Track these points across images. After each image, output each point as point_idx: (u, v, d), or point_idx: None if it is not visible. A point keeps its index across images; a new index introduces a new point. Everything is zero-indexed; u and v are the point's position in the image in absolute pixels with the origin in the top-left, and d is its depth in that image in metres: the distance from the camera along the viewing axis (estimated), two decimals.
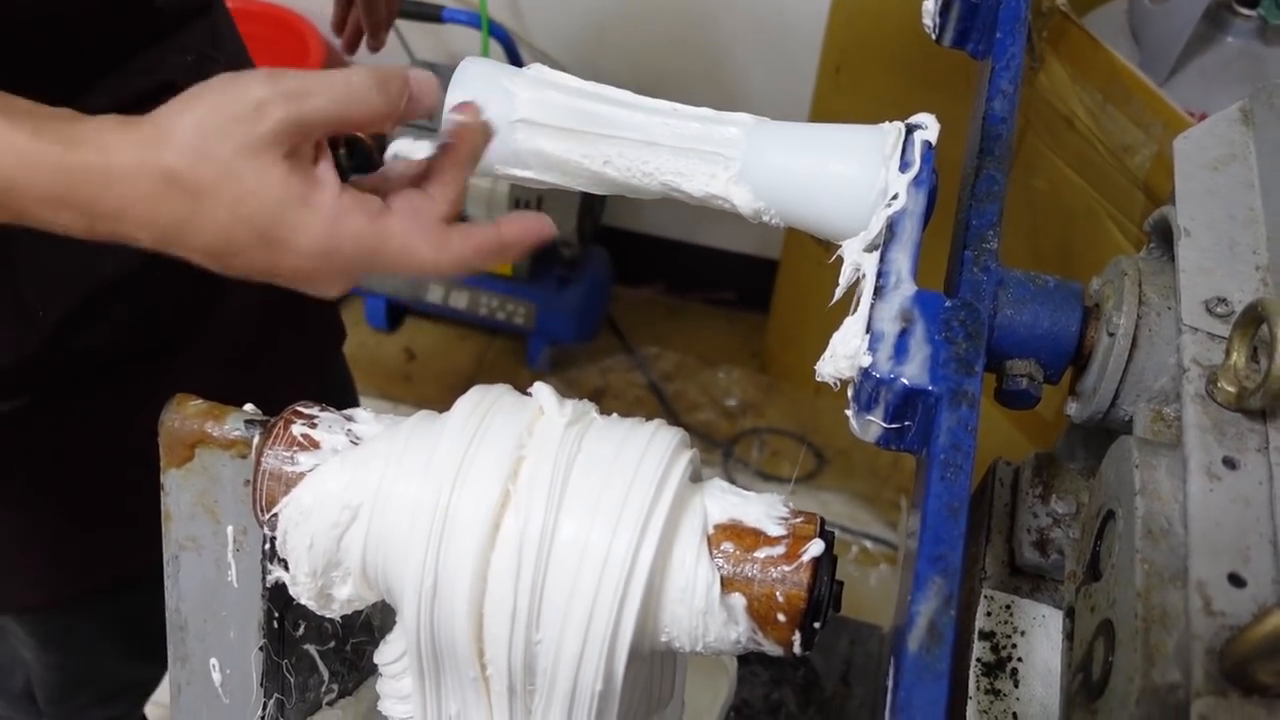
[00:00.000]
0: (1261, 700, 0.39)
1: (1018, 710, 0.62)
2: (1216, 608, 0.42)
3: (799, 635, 0.51)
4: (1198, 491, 0.45)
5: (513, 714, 0.57)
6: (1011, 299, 0.59)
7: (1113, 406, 0.58)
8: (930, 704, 0.43)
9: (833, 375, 0.55)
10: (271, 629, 0.59)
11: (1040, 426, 1.30)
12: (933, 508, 0.47)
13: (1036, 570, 0.69)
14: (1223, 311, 0.52)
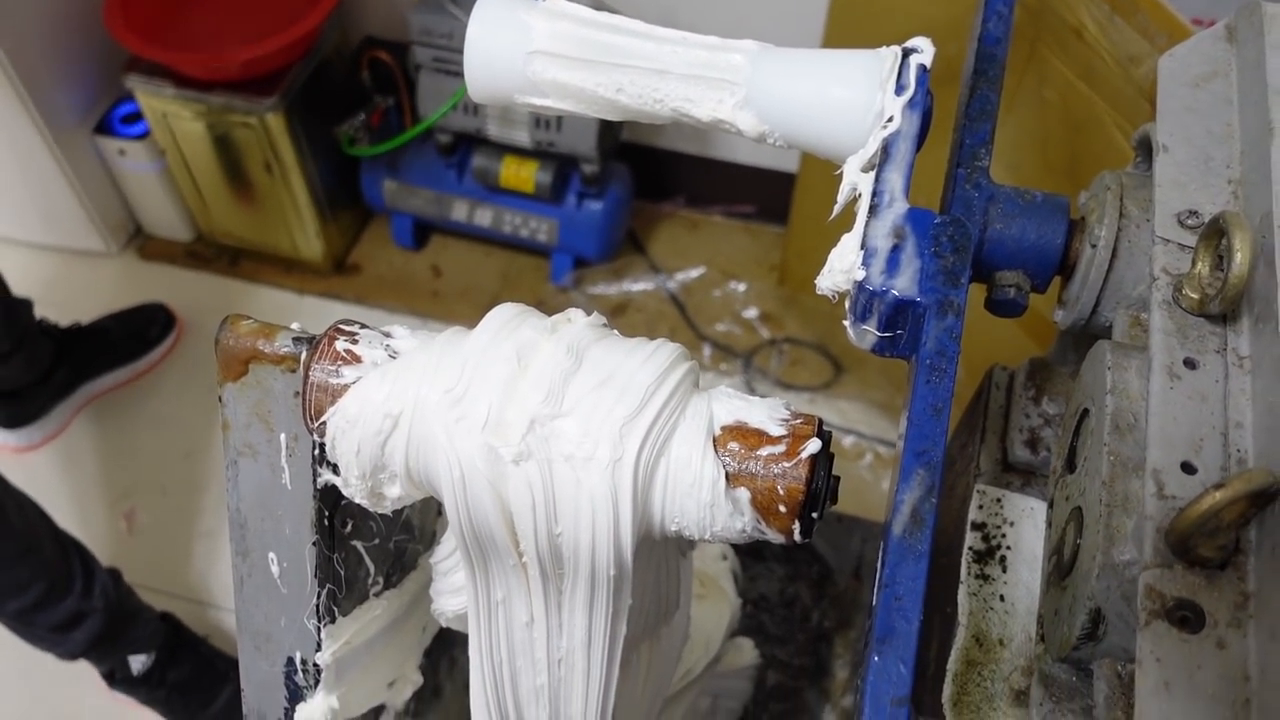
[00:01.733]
0: (1202, 571, 0.44)
1: (1005, 593, 0.67)
2: (1168, 492, 0.46)
3: (798, 524, 0.56)
4: (1159, 389, 0.50)
5: (547, 595, 0.64)
6: (1001, 213, 0.62)
7: (1094, 313, 0.62)
8: (912, 579, 0.48)
9: (831, 289, 0.59)
10: (322, 526, 0.65)
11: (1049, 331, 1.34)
12: (918, 408, 0.52)
13: (1027, 467, 0.75)
14: (1193, 224, 0.55)
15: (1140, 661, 0.42)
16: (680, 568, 0.80)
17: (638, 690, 0.83)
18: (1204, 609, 0.43)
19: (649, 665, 0.83)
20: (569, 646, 0.71)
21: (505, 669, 0.75)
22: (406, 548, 0.79)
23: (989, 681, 0.64)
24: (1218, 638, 0.42)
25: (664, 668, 0.87)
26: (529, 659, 0.74)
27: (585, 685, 0.74)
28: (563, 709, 0.77)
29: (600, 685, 0.74)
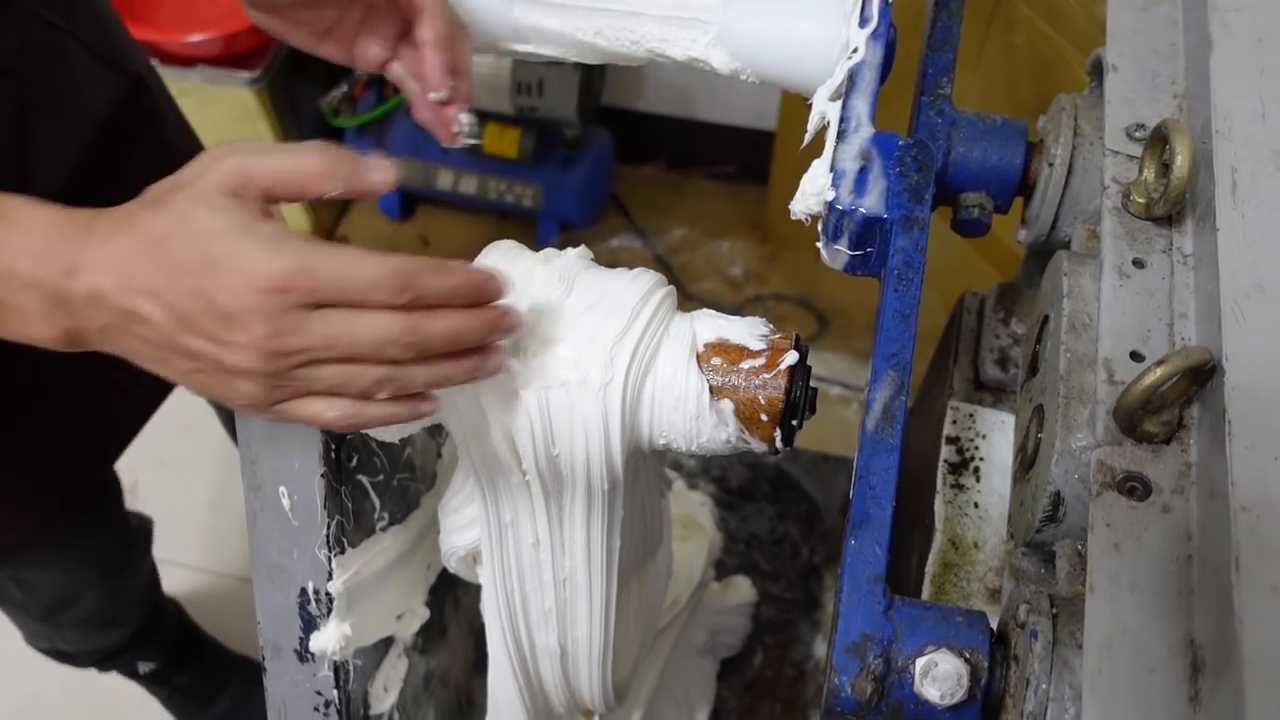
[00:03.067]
0: (1149, 446, 0.48)
1: (978, 500, 0.71)
2: (1118, 379, 0.50)
3: (779, 432, 0.60)
4: (1110, 287, 0.53)
5: (549, 514, 0.68)
6: (964, 137, 0.66)
7: (1054, 229, 0.66)
8: (884, 470, 0.52)
9: (804, 212, 0.63)
10: (330, 459, 0.69)
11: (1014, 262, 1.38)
12: (887, 314, 0.56)
13: (998, 384, 0.78)
14: (1140, 136, 0.59)
15: (1092, 527, 0.46)
16: (661, 506, 0.85)
17: (631, 621, 0.87)
18: (1150, 479, 0.47)
19: (639, 598, 0.87)
20: (572, 565, 0.75)
21: (517, 595, 0.79)
22: (409, 486, 0.83)
23: (965, 582, 0.68)
24: (1163, 504, 0.46)
25: (653, 600, 0.92)
26: (537, 582, 0.78)
27: (589, 606, 0.78)
28: (569, 631, 0.81)
29: (602, 606, 0.78)
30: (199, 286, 0.48)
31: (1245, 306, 0.47)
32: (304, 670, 0.76)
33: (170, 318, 0.49)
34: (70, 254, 0.48)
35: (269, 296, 0.48)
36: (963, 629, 0.48)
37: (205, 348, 0.49)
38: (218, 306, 0.48)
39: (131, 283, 0.48)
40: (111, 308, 0.49)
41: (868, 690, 0.47)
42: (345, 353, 0.50)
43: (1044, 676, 0.45)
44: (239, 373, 0.50)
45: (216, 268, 0.48)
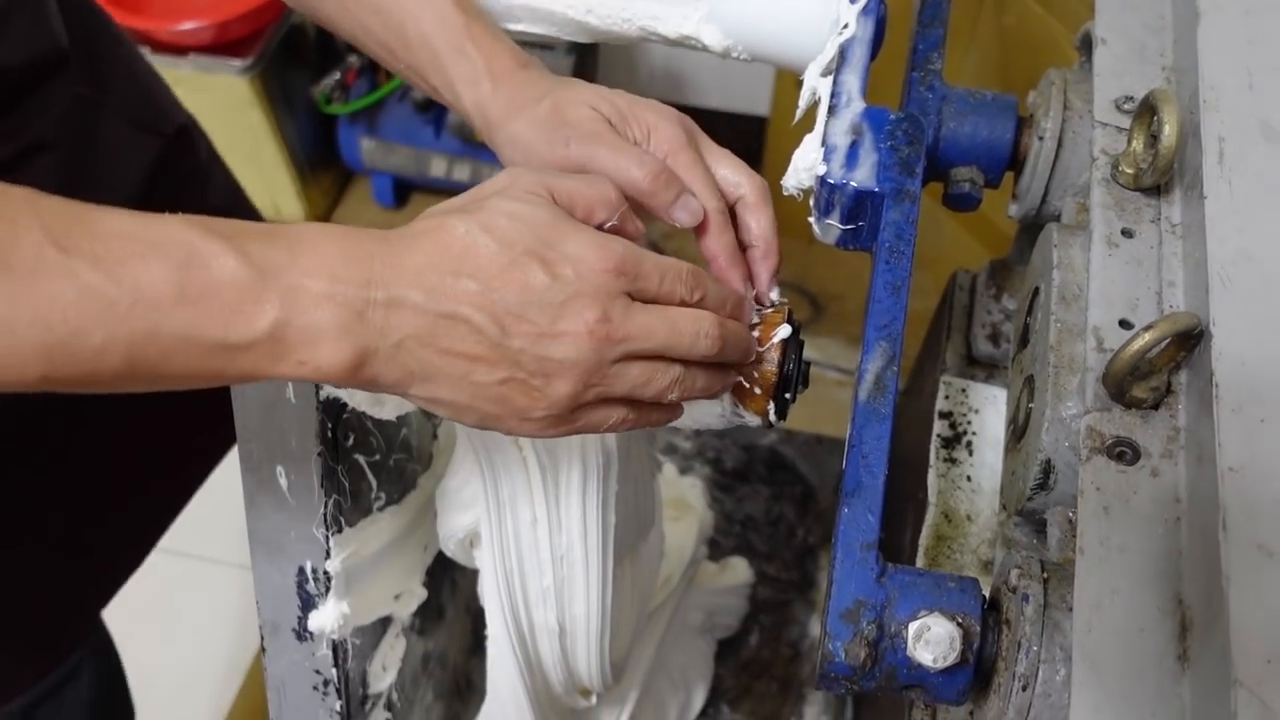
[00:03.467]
0: (1138, 412, 0.48)
1: (971, 474, 0.72)
2: (1107, 346, 0.50)
3: (773, 405, 0.60)
4: (1099, 257, 0.54)
5: (546, 488, 0.69)
6: (954, 112, 0.66)
7: (1044, 203, 0.66)
8: (877, 439, 0.52)
9: (795, 187, 0.63)
10: (326, 438, 0.69)
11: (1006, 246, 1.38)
12: (879, 286, 0.56)
13: (990, 360, 0.79)
14: (1129, 108, 0.59)
15: (1082, 491, 0.46)
16: (652, 488, 0.86)
17: (626, 601, 0.88)
18: (1139, 444, 0.48)
19: (633, 578, 0.88)
20: (569, 543, 0.75)
21: (516, 575, 0.80)
22: (406, 466, 0.83)
23: (958, 554, 0.69)
24: (1152, 467, 0.47)
25: (646, 580, 0.93)
26: (535, 560, 0.78)
27: (586, 584, 0.79)
28: (568, 609, 0.82)
29: (599, 583, 0.79)
30: (526, 279, 0.47)
31: (1232, 273, 0.48)
32: (302, 649, 0.77)
33: (492, 319, 0.47)
34: (366, 267, 0.45)
35: (608, 278, 0.48)
36: (955, 594, 0.48)
37: (528, 345, 0.47)
38: (551, 295, 0.47)
39: (445, 287, 0.46)
40: (419, 317, 0.46)
41: (861, 655, 0.48)
42: (661, 344, 0.50)
43: (1035, 639, 0.46)
44: (561, 370, 0.48)
45: (556, 257, 0.48)
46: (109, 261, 0.40)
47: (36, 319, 0.39)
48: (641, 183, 0.56)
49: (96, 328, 0.40)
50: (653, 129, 0.58)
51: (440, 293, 0.46)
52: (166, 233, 0.42)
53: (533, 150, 0.59)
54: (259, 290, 0.43)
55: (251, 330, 0.43)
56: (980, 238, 1.48)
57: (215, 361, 0.43)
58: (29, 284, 0.39)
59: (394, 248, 0.46)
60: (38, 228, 0.40)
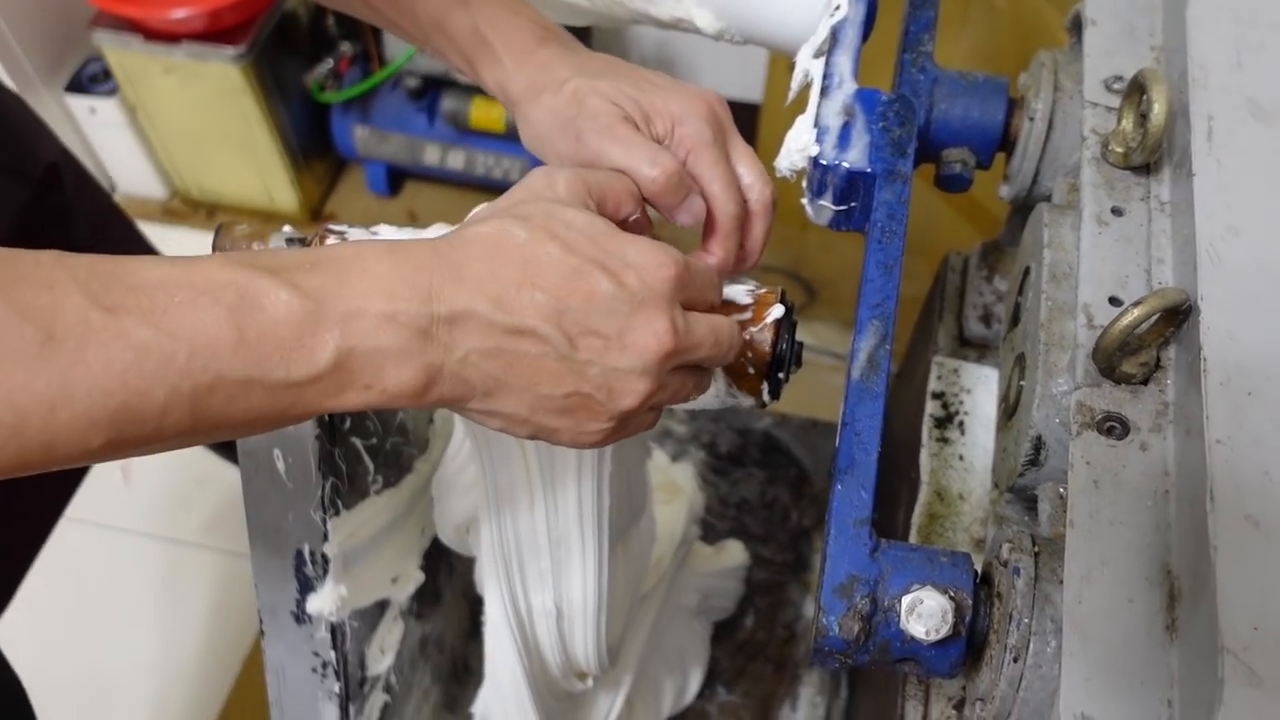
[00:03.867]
0: (1127, 387, 0.49)
1: (963, 453, 0.72)
2: (1097, 323, 0.51)
3: (766, 385, 0.61)
4: (1089, 235, 0.54)
5: (543, 470, 0.69)
6: (946, 94, 0.67)
7: (1035, 184, 0.67)
8: (870, 417, 0.53)
9: (788, 168, 0.64)
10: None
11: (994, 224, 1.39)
12: (871, 266, 0.57)
13: (982, 341, 0.79)
14: (1119, 88, 0.60)
15: (1072, 466, 0.47)
16: (643, 473, 0.87)
17: (620, 585, 0.89)
18: (1128, 419, 0.48)
19: (626, 563, 0.89)
20: (565, 526, 0.76)
21: (514, 559, 0.81)
22: (403, 450, 0.83)
23: (950, 532, 0.69)
24: (1141, 442, 0.47)
25: (639, 565, 0.94)
26: (533, 544, 0.79)
27: (582, 566, 0.80)
28: (564, 592, 0.83)
29: (595, 566, 0.80)
30: (593, 289, 0.46)
31: (1220, 248, 0.48)
32: (301, 632, 0.77)
33: (559, 330, 0.45)
34: (425, 281, 0.44)
35: (670, 285, 0.48)
36: (947, 568, 0.49)
37: (595, 358, 0.46)
38: (619, 304, 0.46)
39: (510, 298, 0.45)
40: (486, 331, 0.45)
41: (855, 629, 0.48)
42: (708, 354, 0.51)
43: (1026, 611, 0.47)
44: (628, 382, 0.47)
45: (618, 265, 0.46)
46: (156, 314, 0.38)
47: (95, 388, 0.37)
48: (652, 184, 0.55)
49: (157, 386, 0.38)
50: (677, 124, 0.57)
51: (506, 304, 0.44)
52: (209, 275, 0.40)
53: (546, 137, 0.59)
54: (316, 321, 0.41)
55: (315, 364, 0.41)
56: (974, 223, 1.48)
57: (281, 401, 0.41)
58: (80, 352, 0.37)
59: (450, 258, 0.45)
60: (76, 291, 0.37)
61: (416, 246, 0.45)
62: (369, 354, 0.42)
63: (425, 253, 0.45)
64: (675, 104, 0.57)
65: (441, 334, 0.44)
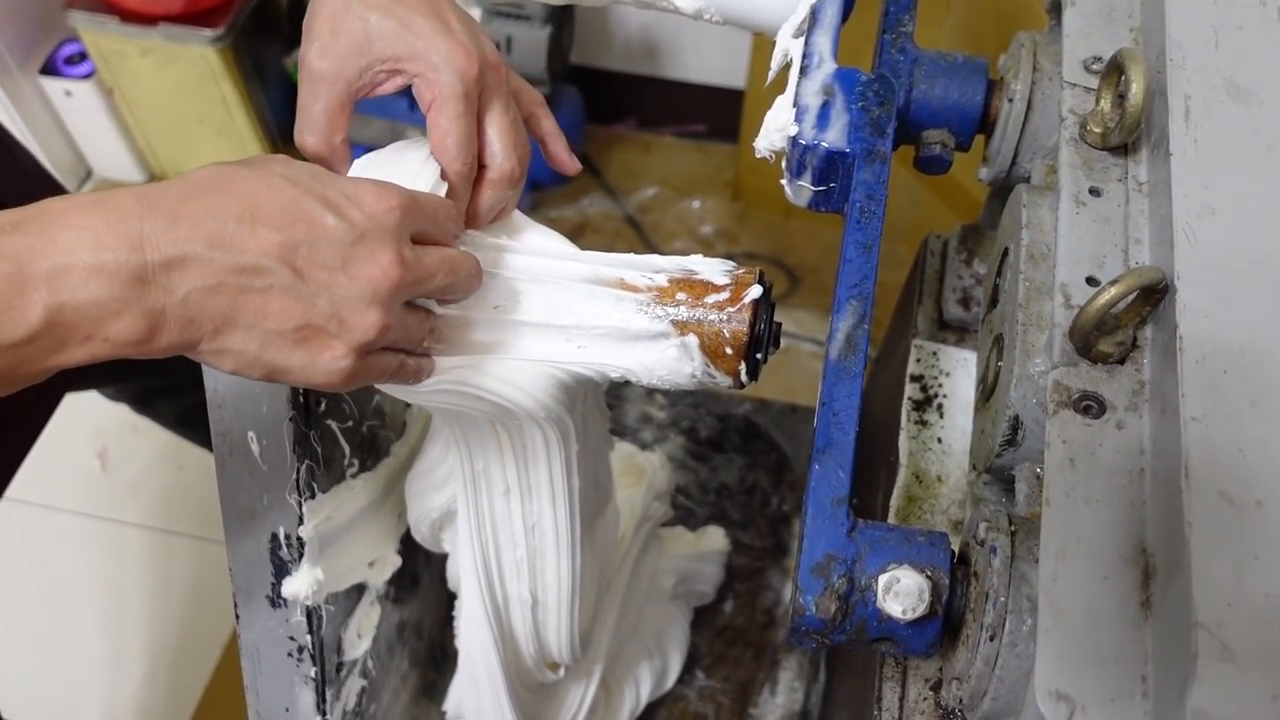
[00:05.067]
0: (1104, 367, 0.49)
1: (941, 435, 0.72)
2: (1074, 303, 0.51)
3: (744, 366, 0.60)
4: (1066, 215, 0.54)
5: (516, 455, 0.69)
6: (925, 75, 0.66)
7: (1014, 165, 0.67)
8: (847, 397, 0.52)
9: (767, 148, 0.63)
10: (298, 403, 0.69)
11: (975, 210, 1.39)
12: (850, 246, 0.56)
13: (961, 324, 0.79)
14: (1097, 69, 0.60)
15: (1049, 444, 0.47)
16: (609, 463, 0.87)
17: (589, 574, 0.89)
18: (1105, 398, 0.48)
19: (593, 553, 0.90)
20: (539, 511, 0.76)
21: (491, 548, 0.81)
22: (379, 433, 0.83)
23: (928, 514, 0.69)
24: (1117, 420, 0.47)
25: (605, 554, 0.94)
26: (509, 532, 0.79)
27: (556, 552, 0.80)
28: (540, 579, 0.83)
29: (569, 551, 0.80)
30: (315, 220, 0.47)
31: (1196, 227, 0.48)
32: (276, 616, 0.77)
33: (283, 263, 0.46)
34: (134, 228, 0.44)
35: (394, 216, 0.49)
36: (924, 548, 0.49)
37: (322, 289, 0.47)
38: (343, 235, 0.47)
39: (229, 234, 0.45)
40: (204, 269, 0.45)
41: (832, 609, 0.48)
42: (444, 283, 0.52)
43: (1002, 590, 0.47)
44: (358, 313, 0.48)
45: (339, 198, 0.48)
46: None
47: None
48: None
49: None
50: (429, 70, 0.56)
51: (225, 240, 0.45)
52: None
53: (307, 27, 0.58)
54: (20, 282, 0.41)
55: (26, 324, 0.42)
56: (954, 208, 1.49)
57: (3, 362, 0.42)
58: None
59: (162, 202, 0.45)
60: None
61: (124, 195, 0.45)
62: (82, 307, 0.42)
63: (132, 200, 0.45)
64: (436, 51, 0.56)
65: (160, 278, 0.44)
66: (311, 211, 0.47)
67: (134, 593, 1.57)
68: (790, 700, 1.08)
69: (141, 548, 1.63)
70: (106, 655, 1.52)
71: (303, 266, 0.47)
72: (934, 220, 1.50)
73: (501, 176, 0.60)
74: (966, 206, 1.45)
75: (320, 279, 0.47)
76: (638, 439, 1.24)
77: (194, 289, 0.45)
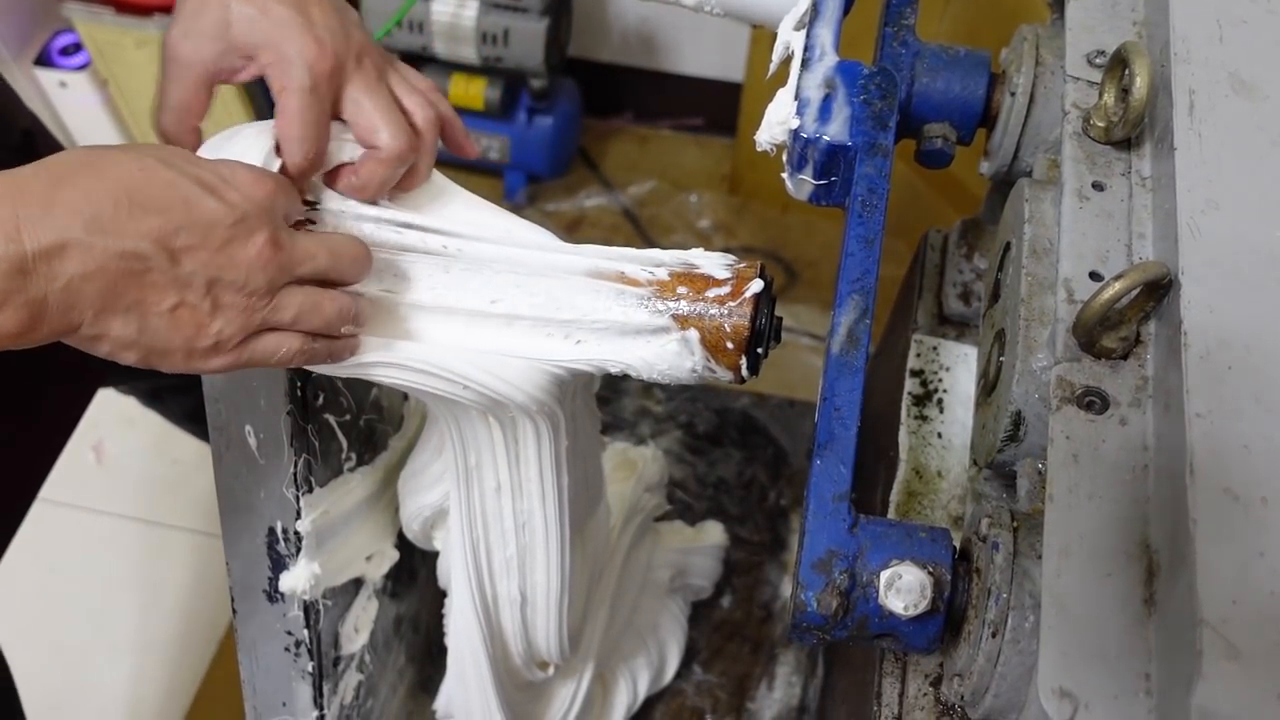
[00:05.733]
0: (1107, 362, 0.49)
1: (941, 430, 0.72)
2: (1078, 298, 0.51)
3: (745, 360, 0.60)
4: (1070, 210, 0.54)
5: (508, 451, 0.69)
6: (927, 68, 0.66)
7: (1015, 160, 0.66)
8: (849, 392, 0.52)
9: (768, 141, 0.63)
10: (295, 397, 0.68)
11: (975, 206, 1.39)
12: (851, 240, 0.56)
13: (961, 319, 0.79)
14: (1100, 62, 0.59)
15: (1052, 440, 0.47)
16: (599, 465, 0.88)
17: (579, 574, 0.90)
18: (1108, 394, 0.48)
19: (583, 554, 0.90)
20: (529, 508, 0.76)
21: (482, 545, 0.80)
22: (377, 427, 0.83)
23: (928, 510, 0.69)
24: (1120, 416, 0.47)
25: (595, 555, 0.94)
26: (500, 529, 0.79)
27: (546, 549, 0.80)
28: (529, 577, 0.83)
29: (558, 549, 0.80)
30: (196, 204, 0.47)
31: (1201, 222, 0.48)
32: (274, 610, 0.76)
33: (159, 246, 0.46)
34: (8, 216, 0.43)
35: (271, 199, 0.50)
36: (926, 544, 0.49)
37: (199, 270, 0.47)
38: (220, 217, 0.48)
39: (107, 219, 0.45)
40: (85, 254, 0.44)
41: (833, 605, 0.48)
42: (324, 266, 0.52)
43: (1005, 586, 0.46)
44: (230, 294, 0.49)
45: (216, 181, 0.48)
46: None
47: None
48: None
49: None
50: (280, 60, 0.55)
51: (104, 224, 0.45)
52: None
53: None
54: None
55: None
56: (954, 203, 1.48)
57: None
58: None
59: (34, 187, 0.44)
60: None
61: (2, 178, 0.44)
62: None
63: (4, 184, 0.44)
64: (290, 42, 0.55)
65: (41, 267, 0.43)
66: (189, 194, 0.47)
67: (129, 586, 1.57)
68: (788, 695, 1.08)
69: (137, 541, 1.62)
70: (102, 649, 1.51)
71: (181, 249, 0.47)
72: (931, 215, 1.50)
73: (391, 155, 0.58)
74: (964, 201, 1.45)
75: (200, 260, 0.47)
76: (635, 432, 1.23)
77: (75, 275, 0.44)
